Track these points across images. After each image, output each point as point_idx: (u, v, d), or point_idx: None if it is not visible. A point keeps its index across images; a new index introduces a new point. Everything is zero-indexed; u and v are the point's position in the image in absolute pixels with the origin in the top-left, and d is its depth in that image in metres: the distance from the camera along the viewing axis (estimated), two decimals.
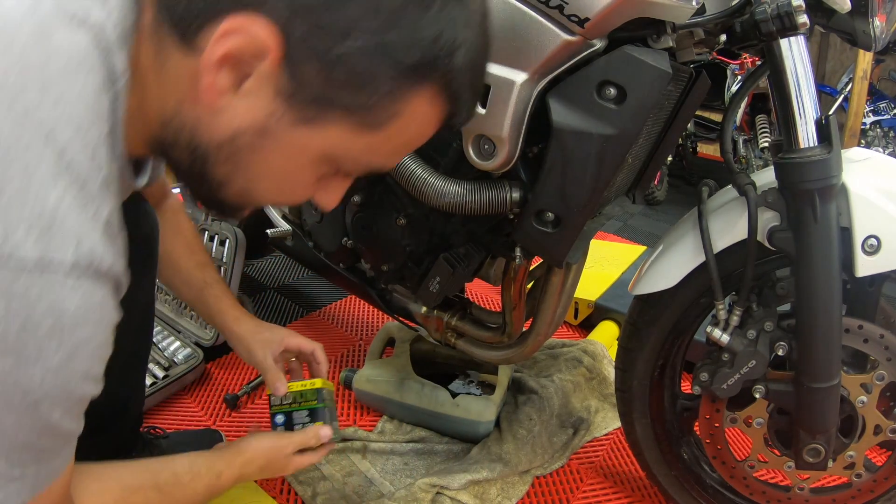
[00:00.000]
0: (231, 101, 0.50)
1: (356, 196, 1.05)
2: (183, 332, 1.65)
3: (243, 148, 0.52)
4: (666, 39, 0.77)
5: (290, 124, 0.51)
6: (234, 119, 0.51)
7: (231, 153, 0.53)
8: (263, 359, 0.96)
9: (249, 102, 0.50)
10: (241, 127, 0.51)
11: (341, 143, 0.52)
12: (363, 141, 0.52)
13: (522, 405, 1.38)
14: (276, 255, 2.20)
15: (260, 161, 0.53)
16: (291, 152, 0.53)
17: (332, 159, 0.54)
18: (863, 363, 0.92)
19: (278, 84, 0.49)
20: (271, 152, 0.53)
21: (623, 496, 1.25)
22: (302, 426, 0.92)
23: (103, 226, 0.47)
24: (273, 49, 0.47)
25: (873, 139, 3.69)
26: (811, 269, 0.81)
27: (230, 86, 0.49)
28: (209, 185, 0.56)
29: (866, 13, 0.83)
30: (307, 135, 0.51)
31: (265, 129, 0.51)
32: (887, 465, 0.96)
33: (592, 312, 1.83)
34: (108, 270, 0.48)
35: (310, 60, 0.47)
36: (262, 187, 0.56)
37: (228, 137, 0.52)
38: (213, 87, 0.49)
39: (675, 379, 1.08)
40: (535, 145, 0.86)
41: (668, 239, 1.00)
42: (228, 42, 0.47)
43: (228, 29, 0.46)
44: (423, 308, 1.20)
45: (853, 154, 0.89)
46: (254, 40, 0.46)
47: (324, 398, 0.93)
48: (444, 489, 1.17)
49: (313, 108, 0.50)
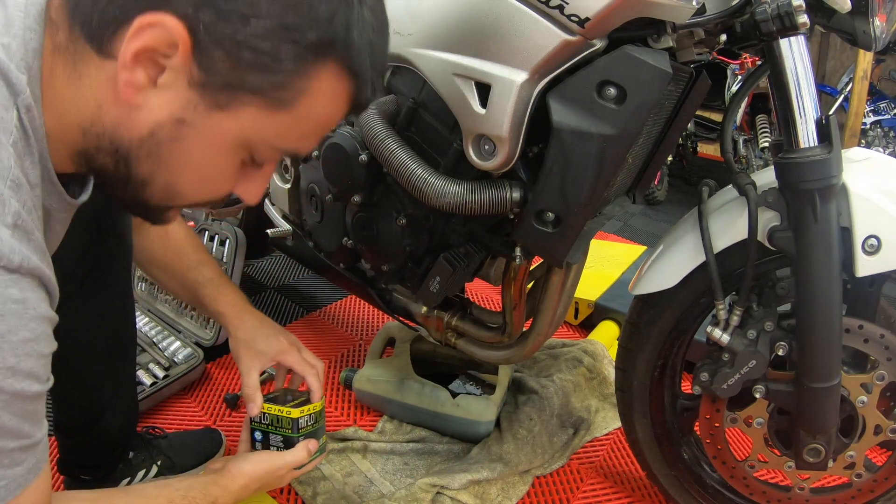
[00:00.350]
0: (148, 97, 0.53)
1: (357, 196, 1.05)
2: (183, 332, 1.65)
3: (163, 141, 0.55)
4: (666, 39, 0.77)
5: (206, 112, 0.54)
6: (151, 113, 0.53)
7: (152, 148, 0.55)
8: (247, 373, 0.93)
9: (165, 96, 0.53)
10: (160, 120, 0.54)
11: (255, 125, 0.56)
12: (276, 121, 0.56)
13: (523, 405, 1.38)
14: (277, 255, 2.20)
15: (180, 152, 0.56)
16: (209, 140, 0.56)
17: (248, 144, 0.57)
18: (863, 363, 0.92)
19: (190, 74, 0.52)
20: (190, 142, 0.55)
21: (623, 496, 1.25)
22: (277, 450, 0.90)
23: (11, 225, 0.49)
24: (183, 40, 0.50)
25: (873, 139, 3.69)
26: (811, 269, 0.81)
27: (147, 82, 0.52)
28: (134, 186, 0.58)
29: (866, 13, 0.82)
30: (222, 121, 0.55)
31: (182, 120, 0.54)
32: (887, 465, 0.96)
33: (593, 312, 1.83)
34: (20, 266, 0.49)
35: (217, 48, 0.51)
36: (184, 181, 0.59)
37: (148, 132, 0.54)
38: (131, 84, 0.52)
39: (675, 379, 1.08)
40: (535, 145, 0.86)
41: (669, 239, 1.00)
42: (141, 38, 0.50)
43: (140, 26, 0.49)
44: (424, 308, 1.20)
45: (853, 154, 0.89)
46: (164, 34, 0.50)
47: (300, 427, 0.90)
48: (444, 489, 1.17)
49: (225, 94, 0.53)
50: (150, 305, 1.76)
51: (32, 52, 0.52)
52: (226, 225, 1.71)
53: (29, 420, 0.52)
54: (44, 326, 0.52)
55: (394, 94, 0.99)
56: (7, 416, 0.50)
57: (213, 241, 1.71)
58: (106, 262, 0.94)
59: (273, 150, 0.59)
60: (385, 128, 0.93)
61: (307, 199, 1.21)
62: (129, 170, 0.57)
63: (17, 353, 0.49)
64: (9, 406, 0.50)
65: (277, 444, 0.90)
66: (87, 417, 1.05)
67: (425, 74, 0.88)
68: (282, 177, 1.28)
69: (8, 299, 0.48)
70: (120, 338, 1.05)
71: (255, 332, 0.96)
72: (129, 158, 0.56)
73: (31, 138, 0.53)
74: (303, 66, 0.54)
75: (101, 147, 0.56)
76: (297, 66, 0.53)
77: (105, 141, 0.55)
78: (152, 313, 1.72)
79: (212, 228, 1.72)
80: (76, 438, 1.08)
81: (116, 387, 1.06)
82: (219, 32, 0.50)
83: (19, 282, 0.49)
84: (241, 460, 0.84)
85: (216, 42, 0.51)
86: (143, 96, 0.52)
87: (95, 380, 1.02)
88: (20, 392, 0.50)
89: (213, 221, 1.74)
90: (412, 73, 0.91)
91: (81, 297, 0.92)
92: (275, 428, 0.91)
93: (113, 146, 0.56)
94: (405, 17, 0.89)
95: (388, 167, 0.93)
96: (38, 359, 0.52)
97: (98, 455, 1.10)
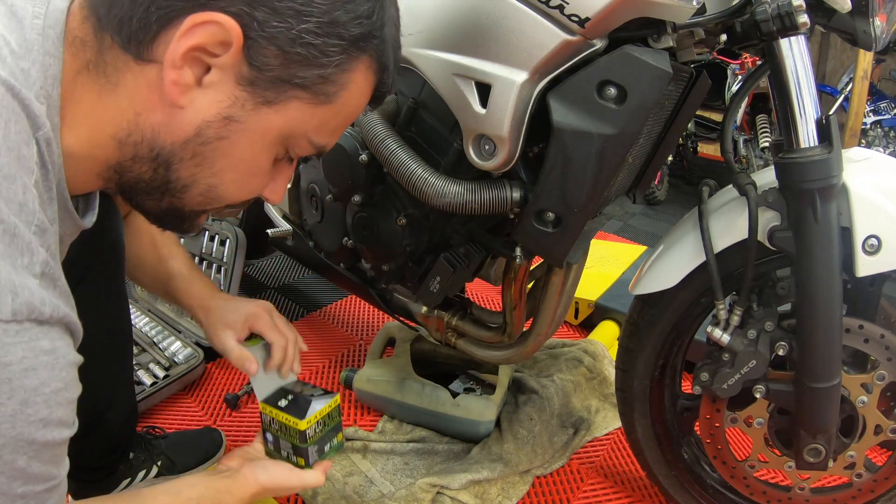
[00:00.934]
0: (194, 97, 0.53)
1: (357, 196, 1.05)
2: (183, 331, 1.65)
3: (210, 140, 0.55)
4: (666, 39, 0.77)
5: (253, 109, 0.54)
6: (198, 113, 0.53)
7: (198, 148, 0.55)
8: (224, 342, 0.89)
9: (212, 95, 0.53)
10: (207, 119, 0.54)
11: (299, 119, 0.57)
12: (317, 115, 0.57)
13: (523, 405, 1.38)
14: (277, 255, 2.20)
15: (226, 151, 0.56)
16: (255, 136, 0.56)
17: (288, 139, 0.58)
18: (863, 363, 0.92)
19: (239, 72, 0.52)
20: (237, 139, 0.55)
21: (623, 496, 1.25)
22: (287, 456, 0.88)
23: (39, 274, 0.49)
24: (237, 37, 0.50)
25: (874, 139, 3.70)
26: (812, 268, 0.81)
27: (193, 81, 0.52)
28: (171, 193, 0.58)
29: (867, 13, 0.82)
30: (269, 116, 0.55)
31: (230, 118, 0.54)
32: (888, 465, 0.96)
33: (593, 312, 1.83)
34: (51, 317, 0.49)
35: (269, 44, 0.52)
36: (226, 181, 0.59)
37: (195, 132, 0.54)
38: (178, 84, 0.51)
39: (675, 379, 1.08)
40: (535, 145, 0.86)
41: (669, 239, 1.00)
42: (194, 37, 0.50)
43: (192, 24, 0.49)
44: (424, 308, 1.20)
45: (854, 154, 0.89)
46: (217, 31, 0.50)
47: (308, 437, 0.85)
48: (444, 489, 1.17)
49: (273, 90, 0.54)
50: (151, 305, 1.76)
51: (52, 79, 0.52)
52: (226, 225, 1.71)
53: (56, 463, 0.53)
54: (73, 373, 0.52)
55: (394, 94, 0.99)
56: (37, 465, 0.50)
57: (213, 241, 1.71)
58: (99, 266, 0.93)
59: (309, 145, 0.60)
60: (385, 128, 0.93)
61: (307, 199, 1.21)
62: (170, 174, 0.57)
63: (49, 404, 0.49)
64: (40, 455, 0.50)
65: (287, 450, 0.88)
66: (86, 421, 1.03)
67: (425, 74, 0.88)
68: None
69: (40, 352, 0.48)
70: (116, 341, 1.04)
71: (221, 311, 0.92)
72: (171, 163, 0.56)
73: (51, 172, 0.52)
74: (347, 61, 0.55)
75: (139, 156, 0.56)
76: (342, 61, 0.55)
77: (144, 149, 0.55)
78: (152, 313, 1.72)
79: (212, 228, 1.72)
80: (75, 442, 1.07)
81: (114, 390, 1.05)
82: (272, 29, 0.51)
83: (49, 332, 0.49)
84: (259, 468, 0.81)
85: (269, 39, 0.51)
86: (189, 96, 0.52)
87: (93, 384, 1.00)
88: (51, 441, 0.51)
89: (213, 221, 1.73)
90: (412, 73, 0.91)
91: (75, 301, 0.92)
92: (283, 434, 0.87)
93: (153, 153, 0.55)
94: (405, 17, 0.88)
95: (388, 167, 0.93)
96: (67, 405, 0.52)
97: (98, 457, 1.10)
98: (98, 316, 0.97)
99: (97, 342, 1.00)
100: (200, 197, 0.59)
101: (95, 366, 1.00)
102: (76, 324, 0.53)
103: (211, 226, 1.72)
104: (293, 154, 0.61)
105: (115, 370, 1.05)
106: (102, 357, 1.01)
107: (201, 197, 0.59)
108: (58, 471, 0.53)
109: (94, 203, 0.67)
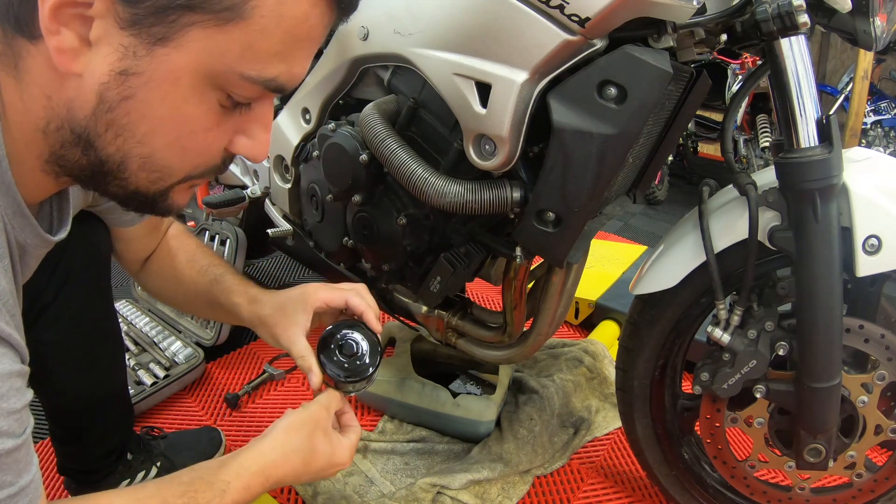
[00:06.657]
0: (88, 60, 0.47)
1: (357, 196, 1.05)
2: (184, 331, 1.65)
3: (114, 104, 0.48)
4: (667, 39, 0.77)
5: (147, 53, 0.46)
6: (94, 75, 0.47)
7: (107, 117, 0.49)
8: (292, 343, 0.82)
9: (102, 51, 0.46)
10: (102, 80, 0.47)
11: (208, 50, 0.47)
12: (232, 40, 0.47)
13: (523, 405, 1.38)
14: (277, 255, 2.20)
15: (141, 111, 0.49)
16: (165, 86, 0.48)
17: (213, 78, 0.49)
18: (863, 363, 0.92)
19: (117, 14, 0.45)
20: (146, 94, 0.48)
21: (623, 496, 1.25)
22: None
23: None
24: None
25: (874, 139, 3.70)
26: (812, 268, 0.81)
27: (79, 42, 0.46)
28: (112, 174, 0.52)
29: (867, 13, 0.82)
30: (170, 56, 0.47)
31: (125, 71, 0.47)
32: (888, 465, 0.96)
33: (593, 312, 1.83)
34: None
35: None
36: (159, 146, 0.51)
37: (97, 99, 0.48)
38: (63, 51, 0.46)
39: (675, 379, 1.08)
40: (535, 145, 0.86)
41: (669, 239, 1.00)
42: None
43: None
44: (424, 308, 1.20)
45: (854, 154, 0.89)
46: None
47: None
48: (444, 489, 1.17)
49: (161, 23, 0.45)
50: (151, 305, 1.76)
51: None
52: (226, 225, 1.71)
53: (10, 471, 0.50)
54: (11, 382, 0.49)
55: (394, 93, 0.99)
56: None
57: (213, 241, 1.71)
58: (78, 271, 0.92)
59: (246, 81, 0.50)
60: (385, 127, 0.93)
61: (307, 198, 1.21)
62: (99, 154, 0.51)
63: None
64: None
65: None
66: (79, 426, 1.04)
67: (426, 74, 0.88)
68: (282, 177, 1.28)
69: None
70: (104, 345, 1.03)
71: (277, 303, 0.85)
72: (92, 140, 0.50)
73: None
74: None
75: (65, 141, 0.51)
76: None
77: (65, 132, 0.50)
78: (153, 313, 1.72)
79: (212, 228, 1.72)
80: (70, 446, 1.07)
81: (106, 393, 1.05)
82: None
83: None
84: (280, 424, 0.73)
85: None
86: (82, 61, 0.47)
87: (83, 389, 1.00)
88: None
89: (213, 221, 1.73)
90: (412, 73, 0.91)
91: (57, 307, 0.91)
92: None
93: (74, 134, 0.50)
94: (406, 16, 0.89)
95: (388, 167, 0.93)
96: (8, 416, 0.49)
97: (95, 460, 1.10)
98: (83, 321, 0.97)
99: (83, 348, 0.99)
100: (144, 173, 0.52)
101: (82, 372, 1.00)
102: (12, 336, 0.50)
103: (211, 226, 1.72)
104: (237, 97, 0.51)
105: (104, 374, 1.05)
106: (90, 362, 1.01)
107: (145, 173, 0.52)
108: (14, 478, 0.50)
109: (67, 218, 0.66)
